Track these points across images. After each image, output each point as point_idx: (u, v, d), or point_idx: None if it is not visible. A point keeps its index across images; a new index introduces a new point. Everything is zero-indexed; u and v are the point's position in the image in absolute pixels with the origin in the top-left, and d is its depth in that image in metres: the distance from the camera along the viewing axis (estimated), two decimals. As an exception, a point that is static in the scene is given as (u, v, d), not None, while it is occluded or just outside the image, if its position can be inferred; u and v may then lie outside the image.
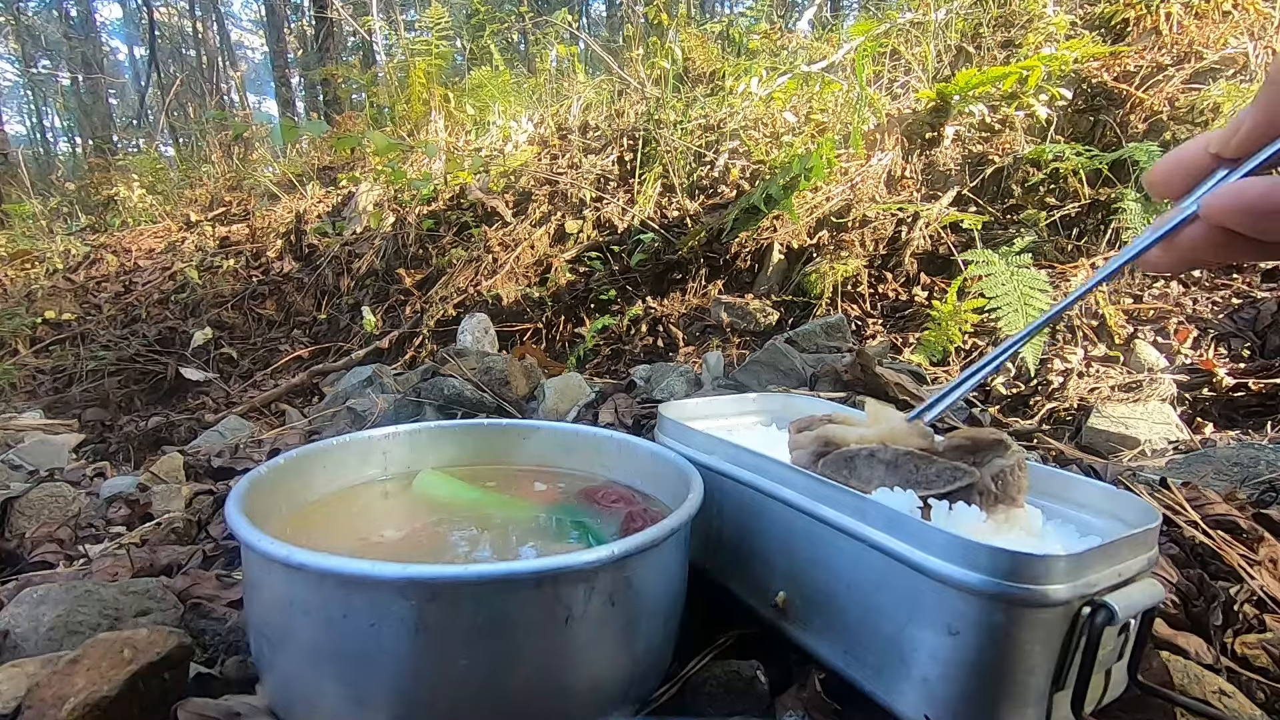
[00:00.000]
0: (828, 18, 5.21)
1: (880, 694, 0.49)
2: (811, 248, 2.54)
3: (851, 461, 0.55)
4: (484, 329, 2.60)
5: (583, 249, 2.95)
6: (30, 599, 0.60)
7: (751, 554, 0.60)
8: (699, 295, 2.65)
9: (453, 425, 0.78)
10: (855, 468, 0.55)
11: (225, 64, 13.31)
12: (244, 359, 3.22)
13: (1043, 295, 1.97)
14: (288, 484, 0.62)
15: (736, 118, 3.14)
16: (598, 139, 3.52)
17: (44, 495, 1.02)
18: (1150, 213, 2.18)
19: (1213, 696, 0.55)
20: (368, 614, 0.42)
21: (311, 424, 1.55)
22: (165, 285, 3.82)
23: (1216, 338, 1.99)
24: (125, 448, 2.23)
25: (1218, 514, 0.79)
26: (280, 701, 0.49)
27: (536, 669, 0.44)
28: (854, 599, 0.51)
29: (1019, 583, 0.41)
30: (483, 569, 0.42)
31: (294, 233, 3.86)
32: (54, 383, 3.12)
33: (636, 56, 3.67)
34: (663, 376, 1.47)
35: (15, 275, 4.18)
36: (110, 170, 5.75)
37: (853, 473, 0.54)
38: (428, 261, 3.28)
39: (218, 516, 0.97)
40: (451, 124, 4.10)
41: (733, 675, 0.54)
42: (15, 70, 14.96)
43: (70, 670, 0.46)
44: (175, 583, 0.70)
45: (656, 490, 0.69)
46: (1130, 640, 0.47)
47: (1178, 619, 0.64)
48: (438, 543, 0.59)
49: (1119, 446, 1.55)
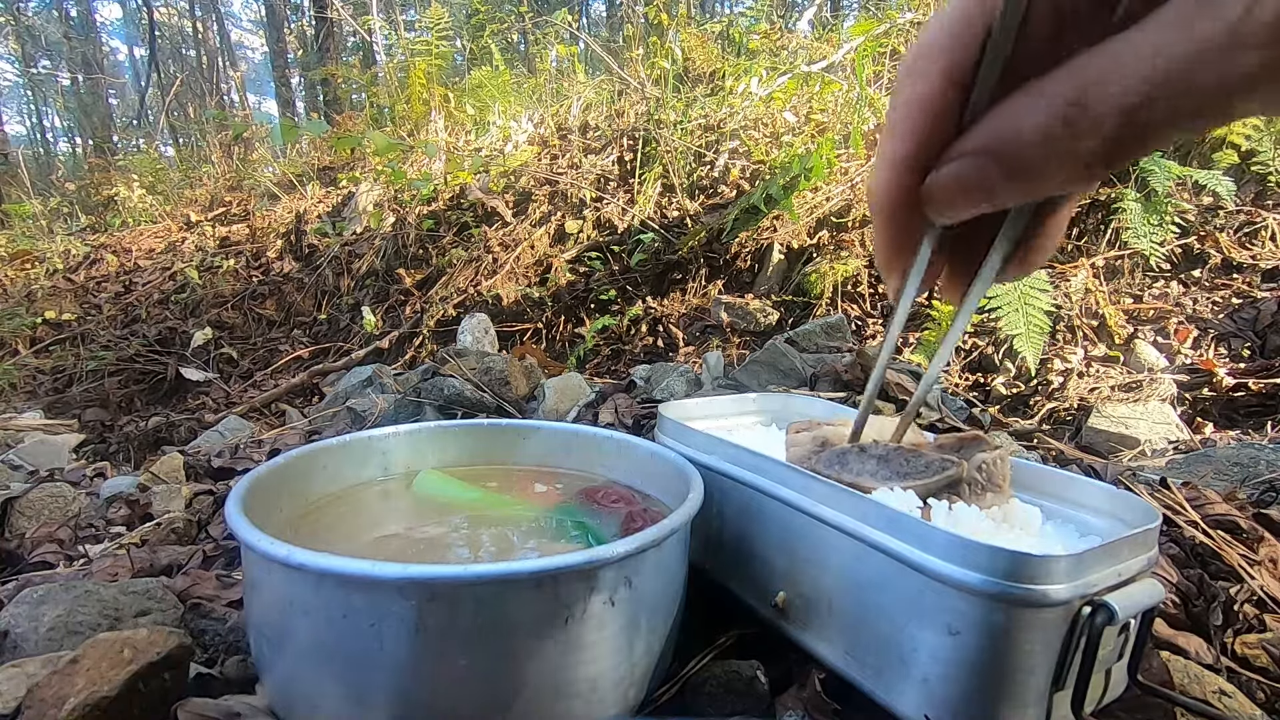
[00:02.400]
0: (828, 18, 5.21)
1: (880, 694, 0.49)
2: (811, 248, 2.54)
3: (844, 457, 0.56)
4: (484, 329, 2.60)
5: (583, 249, 2.95)
6: (30, 599, 0.60)
7: (751, 554, 0.60)
8: (699, 295, 2.65)
9: (453, 425, 0.78)
10: (848, 463, 0.55)
11: (225, 64, 13.32)
12: (244, 359, 3.22)
13: (1043, 295, 1.97)
14: (288, 484, 0.62)
15: (736, 118, 3.14)
16: (598, 139, 3.52)
17: (44, 495, 1.02)
18: (1150, 213, 2.18)
19: (1213, 696, 0.55)
20: (368, 614, 0.42)
21: (311, 424, 1.55)
22: (165, 285, 3.82)
23: (1216, 338, 1.99)
24: (125, 448, 2.23)
25: (1218, 514, 0.79)
26: (280, 701, 0.49)
27: (536, 669, 0.44)
28: (854, 599, 0.51)
29: (1019, 583, 0.41)
30: (483, 569, 0.42)
31: (294, 233, 3.86)
32: (54, 383, 3.12)
33: (636, 56, 3.67)
34: (663, 376, 1.47)
35: (15, 275, 4.18)
36: (110, 170, 5.76)
37: (845, 468, 0.55)
38: (428, 261, 3.28)
39: (218, 516, 0.97)
40: (451, 124, 4.10)
41: (733, 675, 0.54)
42: (15, 70, 14.96)
43: (70, 670, 0.46)
44: (175, 583, 0.70)
45: (656, 490, 0.69)
46: (1130, 640, 0.47)
47: (1178, 619, 0.64)
48: (438, 543, 0.59)
49: (1119, 446, 1.55)
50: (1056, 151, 0.23)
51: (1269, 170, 2.25)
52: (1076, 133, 0.22)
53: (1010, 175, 0.25)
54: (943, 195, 0.27)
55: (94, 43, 13.02)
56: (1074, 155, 0.23)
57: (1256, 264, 2.16)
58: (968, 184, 0.26)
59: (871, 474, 0.54)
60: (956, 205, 0.27)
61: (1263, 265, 2.15)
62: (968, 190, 0.26)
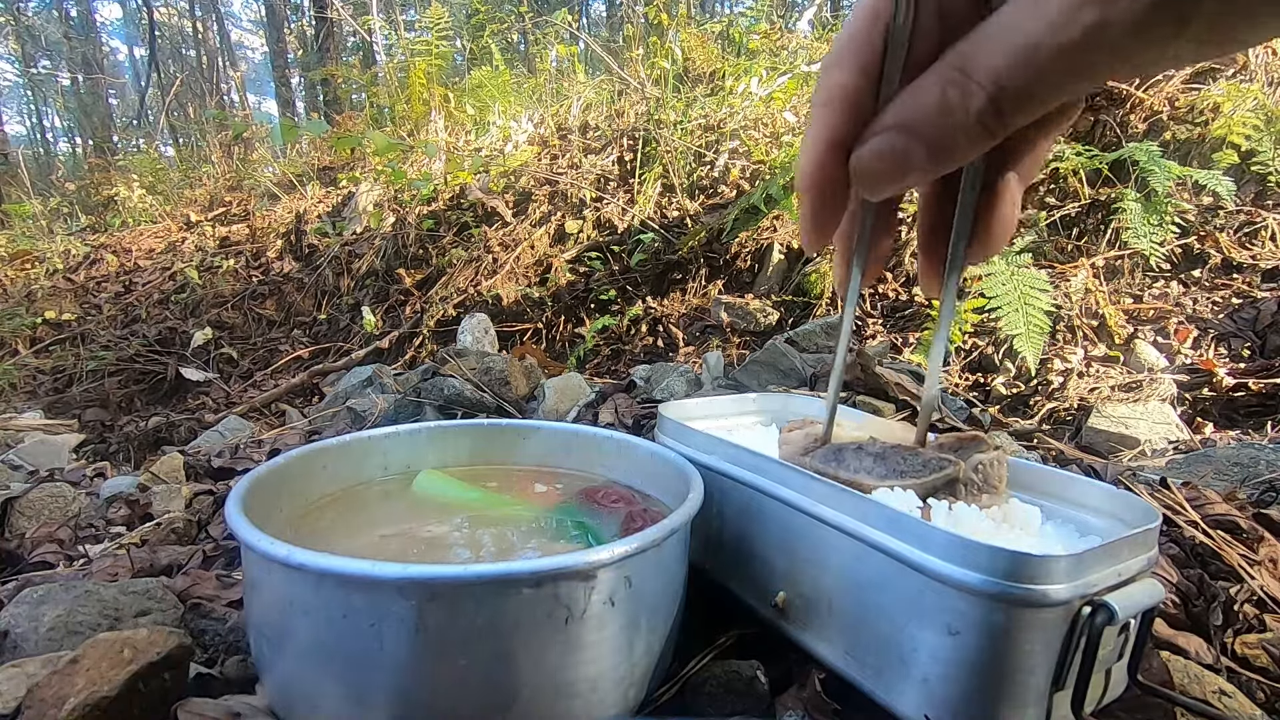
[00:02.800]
0: (828, 18, 5.21)
1: (880, 694, 0.49)
2: (811, 248, 2.54)
3: (840, 454, 0.56)
4: (484, 329, 2.61)
5: (583, 249, 2.95)
6: (30, 599, 0.60)
7: (751, 554, 0.60)
8: (699, 295, 2.65)
9: (453, 425, 0.78)
10: (844, 459, 0.55)
11: (225, 64, 13.32)
12: (244, 359, 3.22)
13: (1043, 295, 1.97)
14: (288, 484, 0.62)
15: (736, 118, 3.14)
16: (598, 139, 3.52)
17: (44, 495, 1.02)
18: (1150, 213, 2.18)
19: (1213, 696, 0.55)
20: (368, 614, 0.42)
21: (311, 424, 1.55)
22: (165, 285, 3.82)
23: (1216, 338, 1.99)
24: (125, 448, 2.23)
25: (1218, 514, 0.79)
26: (280, 701, 0.49)
27: (536, 669, 0.44)
28: (854, 599, 0.51)
29: (1019, 583, 0.41)
30: (483, 569, 0.42)
31: (294, 233, 3.86)
32: (54, 383, 3.12)
33: (636, 56, 3.67)
34: (663, 376, 1.47)
35: (15, 275, 4.18)
36: (110, 170, 5.76)
37: (841, 464, 0.55)
38: (428, 261, 3.28)
39: (218, 516, 0.97)
40: (451, 124, 4.10)
41: (733, 675, 0.54)
42: (15, 70, 14.96)
43: (70, 670, 0.46)
44: (175, 583, 0.70)
45: (656, 490, 0.69)
46: (1130, 640, 0.47)
47: (1178, 619, 0.64)
48: (438, 543, 0.59)
49: (1119, 446, 1.55)
50: (954, 116, 0.27)
51: (1269, 170, 2.25)
52: (965, 95, 0.26)
53: (921, 142, 0.28)
54: (866, 169, 0.30)
55: (94, 43, 13.02)
56: (967, 115, 0.27)
57: (1256, 264, 2.16)
58: (885, 156, 0.29)
59: (868, 471, 0.54)
60: (880, 179, 0.30)
61: (1263, 265, 2.15)
62: (886, 162, 0.29)
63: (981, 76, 0.26)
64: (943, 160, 0.28)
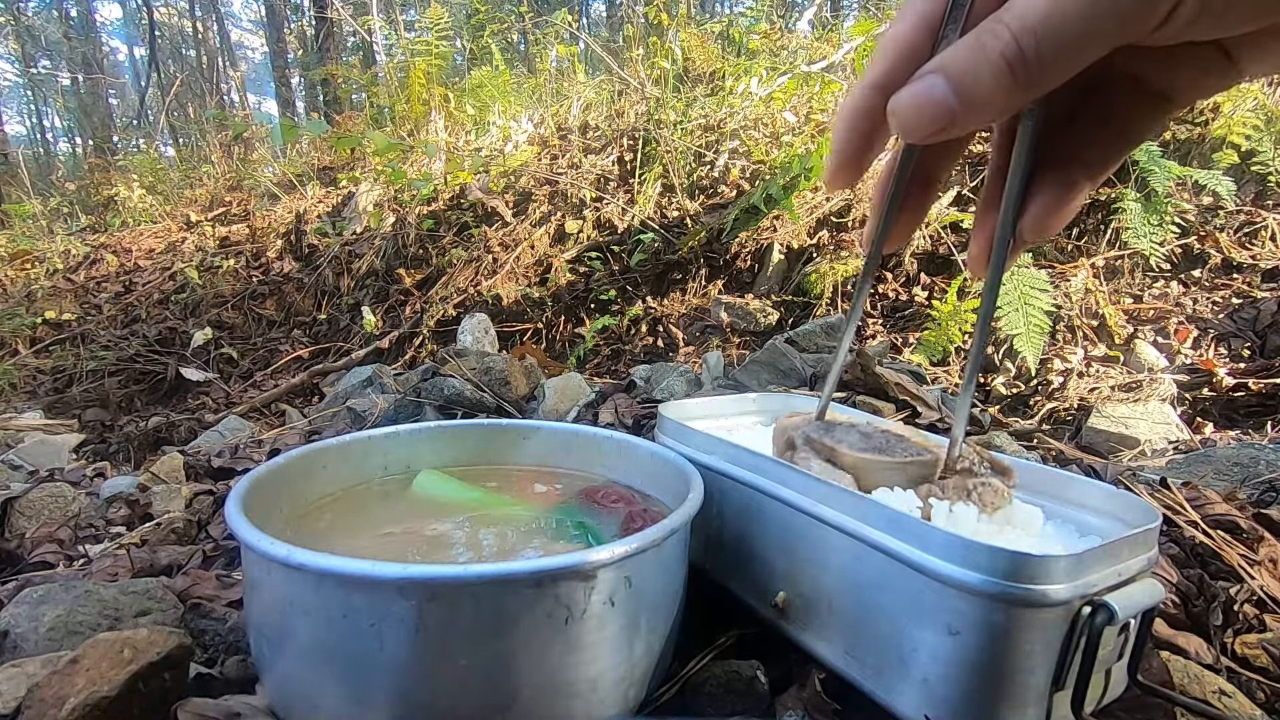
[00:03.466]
0: (828, 18, 5.21)
1: (880, 694, 0.49)
2: (811, 248, 2.54)
3: (831, 427, 0.59)
4: (484, 329, 2.61)
5: (583, 249, 2.95)
6: (30, 599, 0.60)
7: (751, 554, 0.60)
8: (699, 295, 2.65)
9: (453, 425, 0.78)
10: (832, 431, 0.58)
11: (225, 64, 13.32)
12: (244, 359, 3.22)
13: (1043, 295, 1.97)
14: (288, 484, 0.62)
15: (736, 118, 3.14)
16: (598, 139, 3.52)
17: (44, 495, 1.02)
18: (1150, 213, 2.18)
19: (1213, 696, 0.55)
20: (368, 614, 0.42)
21: (311, 424, 1.55)
22: (165, 285, 3.82)
23: (1216, 338, 1.99)
24: (125, 448, 2.23)
25: (1218, 514, 0.79)
26: (280, 701, 0.49)
27: (536, 669, 0.44)
28: (854, 599, 0.51)
29: (1019, 583, 0.41)
30: (483, 569, 0.42)
31: (294, 233, 3.86)
32: (54, 383, 3.12)
33: (636, 56, 3.67)
34: (663, 376, 1.47)
35: (15, 275, 4.18)
36: (110, 170, 5.75)
37: (828, 434, 0.58)
38: (428, 261, 3.28)
39: (218, 516, 0.97)
40: (451, 124, 4.10)
41: (733, 675, 0.54)
42: (15, 70, 14.96)
43: (70, 670, 0.46)
44: (175, 583, 0.70)
45: (656, 490, 0.69)
46: (1130, 640, 0.47)
47: (1178, 619, 0.64)
48: (438, 543, 0.59)
49: (1119, 446, 1.55)
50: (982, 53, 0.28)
51: (1269, 170, 2.25)
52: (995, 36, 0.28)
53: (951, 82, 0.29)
54: (901, 109, 0.31)
55: (94, 43, 13.02)
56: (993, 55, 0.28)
57: (1256, 264, 2.16)
58: (919, 94, 0.30)
59: (850, 445, 0.56)
60: (912, 121, 0.31)
61: (1263, 265, 2.15)
62: (920, 100, 0.30)
63: (1009, 18, 0.27)
64: (972, 106, 0.29)
